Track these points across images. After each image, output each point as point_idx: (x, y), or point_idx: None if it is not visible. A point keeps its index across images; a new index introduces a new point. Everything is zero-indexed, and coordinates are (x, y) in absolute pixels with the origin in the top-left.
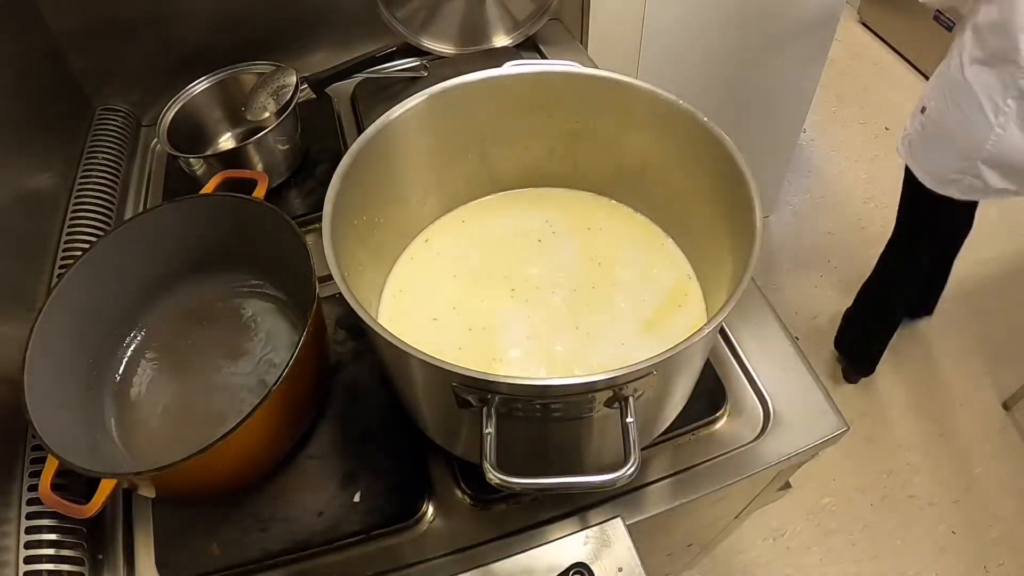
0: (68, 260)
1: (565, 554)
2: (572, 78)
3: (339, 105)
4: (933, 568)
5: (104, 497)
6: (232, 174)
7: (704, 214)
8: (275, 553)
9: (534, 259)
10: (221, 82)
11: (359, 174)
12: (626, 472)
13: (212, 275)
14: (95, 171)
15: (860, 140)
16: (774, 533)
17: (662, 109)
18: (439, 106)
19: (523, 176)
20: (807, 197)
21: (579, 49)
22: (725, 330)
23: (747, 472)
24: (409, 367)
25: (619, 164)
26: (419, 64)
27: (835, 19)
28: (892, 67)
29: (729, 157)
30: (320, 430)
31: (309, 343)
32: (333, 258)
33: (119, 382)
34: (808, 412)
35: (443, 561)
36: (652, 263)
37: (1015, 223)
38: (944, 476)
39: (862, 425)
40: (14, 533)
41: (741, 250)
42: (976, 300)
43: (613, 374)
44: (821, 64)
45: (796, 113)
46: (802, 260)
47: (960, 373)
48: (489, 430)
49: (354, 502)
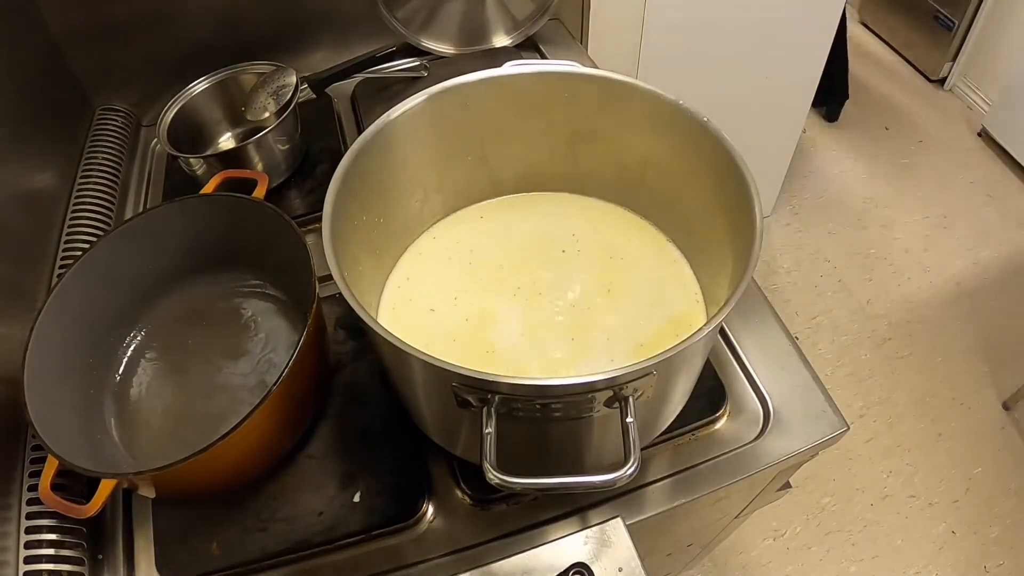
0: (68, 260)
1: (565, 554)
2: (572, 78)
3: (339, 105)
4: (933, 568)
5: (104, 497)
6: (232, 174)
7: (704, 214)
8: (275, 553)
9: (536, 264)
10: (221, 82)
11: (359, 174)
12: (626, 472)
13: (212, 275)
14: (95, 171)
15: (860, 140)
16: (774, 533)
17: (662, 109)
18: (439, 106)
19: (523, 176)
20: (807, 197)
21: (579, 49)
22: (725, 330)
23: (747, 472)
24: (409, 367)
25: (619, 164)
26: (419, 64)
27: (835, 19)
28: (892, 67)
29: (729, 157)
30: (320, 430)
31: (309, 343)
32: (333, 258)
33: (119, 382)
34: (808, 412)
35: (443, 561)
36: (663, 281)
37: (1015, 223)
38: (944, 476)
39: (862, 425)
40: (14, 533)
41: (741, 250)
42: (976, 300)
43: (613, 374)
44: (821, 64)
45: (796, 113)
46: (802, 260)
47: (960, 373)
48: (489, 430)
49: (354, 502)
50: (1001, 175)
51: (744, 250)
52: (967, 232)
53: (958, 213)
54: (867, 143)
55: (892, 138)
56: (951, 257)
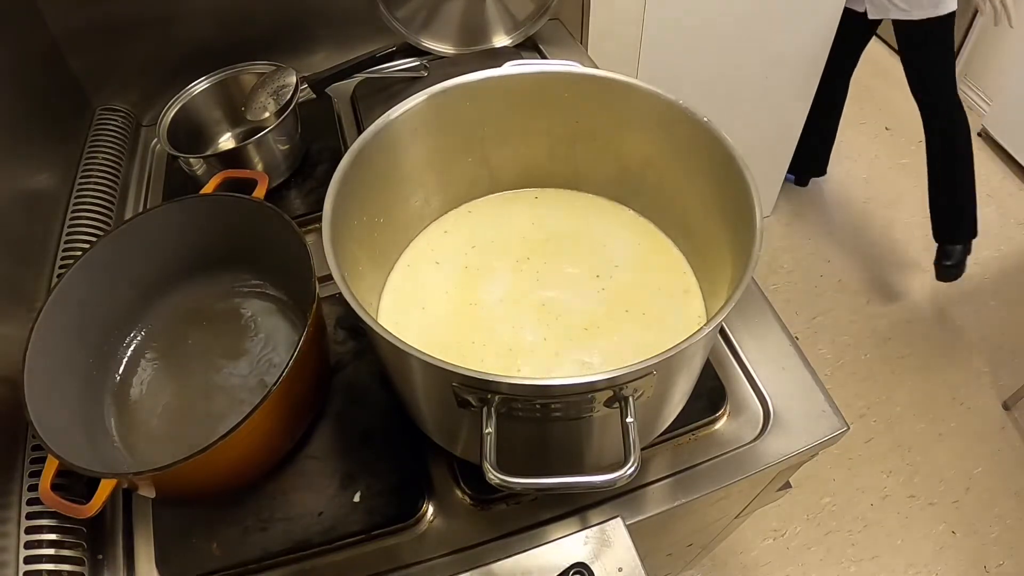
0: (68, 260)
1: (565, 554)
2: (572, 78)
3: (339, 105)
4: (933, 568)
5: (104, 497)
6: (232, 174)
7: (704, 214)
8: (275, 553)
9: (536, 263)
10: (221, 82)
11: (359, 174)
12: (626, 472)
13: (212, 275)
14: (95, 171)
15: (860, 140)
16: (774, 533)
17: (662, 109)
18: (439, 106)
19: (523, 176)
20: (807, 197)
21: (579, 49)
22: (725, 330)
23: (747, 472)
24: (409, 367)
25: (619, 164)
26: (419, 64)
27: (835, 19)
28: (892, 67)
29: (729, 157)
30: (320, 430)
31: (309, 343)
32: (333, 258)
33: (119, 382)
34: (808, 412)
35: (443, 561)
36: (662, 281)
37: (1015, 223)
38: (944, 476)
39: (862, 425)
40: (14, 533)
41: (741, 250)
42: (976, 300)
43: (613, 374)
44: (821, 64)
45: (796, 113)
46: (802, 260)
47: (960, 373)
48: (489, 430)
49: (354, 502)
50: (1001, 175)
51: (744, 250)
52: None
53: None
54: (867, 143)
55: (892, 138)
56: None
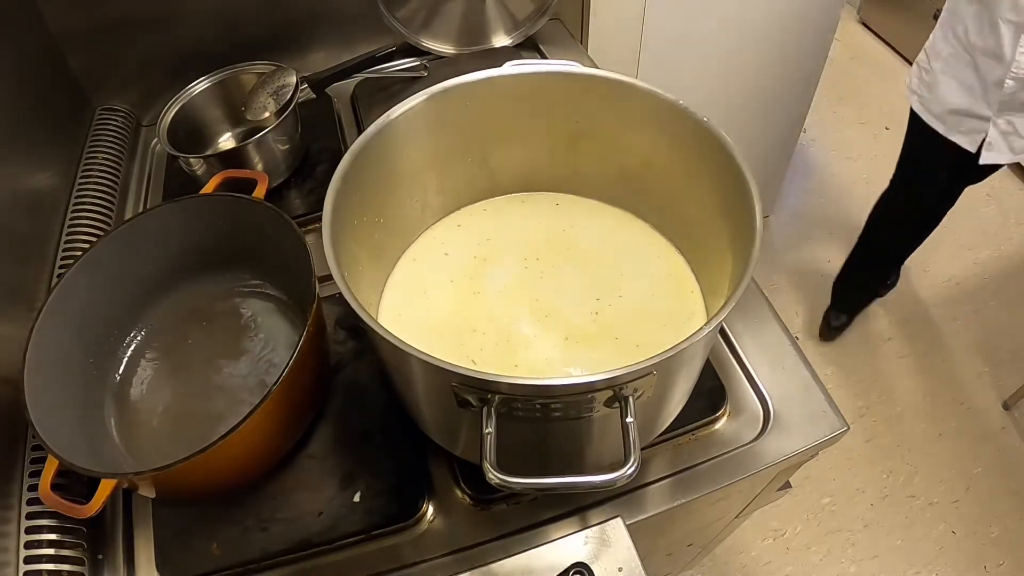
0: (68, 260)
1: (565, 554)
2: (572, 78)
3: (339, 105)
4: (933, 568)
5: (104, 497)
6: (232, 174)
7: (704, 214)
8: (275, 553)
9: (536, 263)
10: (221, 82)
11: (359, 174)
12: (626, 472)
13: (212, 275)
14: (95, 171)
15: (860, 140)
16: (774, 533)
17: (662, 109)
18: (439, 106)
19: (524, 176)
20: (807, 197)
21: (579, 49)
22: (725, 330)
23: (747, 472)
24: (409, 367)
25: (619, 165)
26: (419, 64)
27: (835, 19)
28: (892, 67)
29: (729, 157)
30: (320, 430)
31: (309, 343)
32: (333, 258)
33: (119, 382)
34: (808, 412)
35: (443, 561)
36: (662, 281)
37: (1015, 223)
38: (944, 476)
39: (862, 425)
40: (14, 533)
41: (741, 250)
42: (976, 300)
43: (613, 374)
44: (821, 64)
45: (796, 113)
46: (802, 260)
47: (960, 373)
48: (489, 430)
49: (354, 502)
50: (1001, 175)
51: (744, 250)
52: (967, 232)
53: (958, 213)
54: (867, 143)
55: (892, 138)
56: (951, 257)
